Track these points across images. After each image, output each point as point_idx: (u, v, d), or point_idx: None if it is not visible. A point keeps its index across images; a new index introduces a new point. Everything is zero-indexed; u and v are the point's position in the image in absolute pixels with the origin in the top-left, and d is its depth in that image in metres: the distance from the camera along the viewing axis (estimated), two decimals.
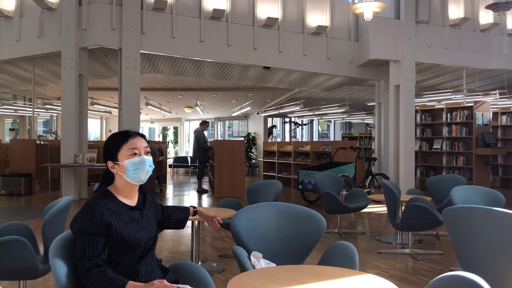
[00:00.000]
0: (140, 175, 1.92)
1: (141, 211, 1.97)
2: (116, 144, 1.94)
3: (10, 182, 9.52)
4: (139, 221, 1.93)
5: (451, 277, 1.44)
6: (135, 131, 2.00)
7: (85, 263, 1.75)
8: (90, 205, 1.82)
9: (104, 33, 8.46)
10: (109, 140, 1.99)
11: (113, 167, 1.92)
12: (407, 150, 9.28)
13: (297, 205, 2.78)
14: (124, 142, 1.93)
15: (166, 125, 22.46)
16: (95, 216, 1.79)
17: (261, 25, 9.37)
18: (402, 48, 9.31)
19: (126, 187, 1.94)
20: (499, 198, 3.97)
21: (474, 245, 2.54)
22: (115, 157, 1.92)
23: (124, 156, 1.91)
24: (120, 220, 1.86)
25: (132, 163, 1.90)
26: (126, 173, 1.90)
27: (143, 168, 1.92)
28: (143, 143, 1.97)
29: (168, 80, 13.04)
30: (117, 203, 1.90)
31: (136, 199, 1.99)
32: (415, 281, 3.85)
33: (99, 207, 1.81)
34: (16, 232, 2.91)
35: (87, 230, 1.78)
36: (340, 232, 5.83)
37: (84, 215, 1.80)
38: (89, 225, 1.78)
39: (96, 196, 1.87)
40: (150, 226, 1.99)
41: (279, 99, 15.73)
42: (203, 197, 9.90)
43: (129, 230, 1.87)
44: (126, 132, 1.97)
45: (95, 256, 1.77)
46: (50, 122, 18.18)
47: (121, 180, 1.93)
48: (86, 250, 1.76)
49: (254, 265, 2.31)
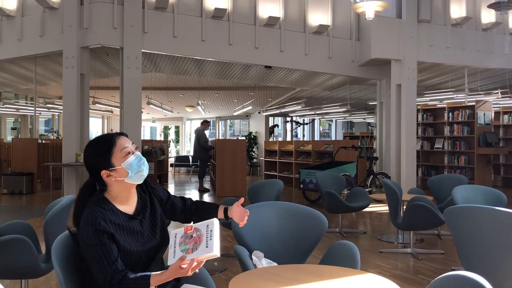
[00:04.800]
0: (143, 171, 1.84)
1: (141, 220, 1.87)
2: (106, 151, 1.80)
3: (12, 181, 9.54)
4: (138, 232, 1.83)
5: (453, 276, 1.43)
6: (114, 133, 1.87)
7: (107, 274, 1.69)
8: (89, 219, 1.72)
9: (105, 32, 8.46)
10: (93, 149, 1.84)
11: (109, 176, 1.79)
12: (408, 149, 9.27)
13: (299, 204, 2.78)
14: (113, 145, 1.80)
15: (167, 124, 22.46)
16: (97, 227, 1.70)
17: (262, 24, 9.37)
18: (403, 47, 9.30)
19: (124, 191, 1.84)
20: (501, 198, 3.96)
21: (476, 244, 2.53)
22: (109, 165, 1.79)
23: (119, 159, 1.79)
24: (121, 232, 1.78)
25: (132, 163, 1.80)
26: (128, 175, 1.79)
27: (144, 163, 1.84)
28: (128, 140, 1.86)
29: (169, 79, 13.04)
30: (116, 212, 1.80)
31: (134, 203, 1.89)
32: (416, 280, 3.85)
33: (98, 219, 1.71)
34: (18, 231, 2.91)
35: (94, 241, 1.70)
36: (341, 232, 5.83)
37: (86, 229, 1.71)
38: (94, 236, 1.70)
39: (92, 207, 1.76)
40: (152, 234, 1.88)
41: (280, 98, 15.73)
42: (205, 196, 9.90)
43: (130, 243, 1.79)
44: (109, 136, 1.84)
45: (113, 261, 1.70)
46: (52, 121, 18.20)
47: (119, 186, 1.81)
48: (102, 260, 1.69)
49: (255, 265, 2.31)
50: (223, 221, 2.15)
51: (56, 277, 1.75)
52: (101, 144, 1.83)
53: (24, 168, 9.83)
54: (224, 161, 9.64)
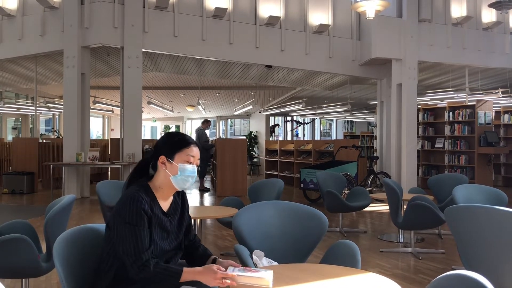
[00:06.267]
0: (186, 183, 1.93)
1: (170, 219, 1.96)
2: (179, 145, 1.94)
3: (13, 181, 9.54)
4: (166, 229, 1.92)
5: (454, 276, 1.43)
6: (194, 140, 2.01)
7: (141, 255, 1.74)
8: (133, 197, 1.79)
9: (106, 31, 8.47)
10: (170, 138, 2.00)
11: (164, 163, 1.91)
12: (409, 149, 9.26)
13: (299, 203, 2.78)
14: (186, 147, 1.93)
15: (168, 123, 22.48)
16: (140, 207, 1.78)
17: (263, 23, 9.37)
18: (404, 46, 9.29)
19: (168, 187, 1.93)
20: (502, 197, 3.96)
21: (477, 244, 2.53)
22: (171, 156, 1.91)
23: (181, 159, 1.91)
24: (155, 222, 1.85)
25: (185, 169, 1.91)
26: (176, 176, 1.90)
27: (192, 177, 1.94)
28: (198, 154, 1.98)
29: (170, 79, 13.04)
30: (155, 203, 1.89)
31: (169, 203, 1.99)
32: (417, 280, 3.85)
33: (143, 201, 1.80)
34: (18, 230, 2.92)
35: (135, 221, 1.76)
36: (342, 231, 5.83)
37: (129, 207, 1.78)
38: (136, 215, 1.77)
39: (138, 189, 1.84)
40: (175, 236, 1.98)
41: (281, 97, 15.73)
42: (205, 195, 9.90)
43: (158, 235, 1.87)
44: (189, 139, 1.98)
45: (148, 246, 1.77)
46: (53, 121, 18.22)
47: (165, 180, 1.92)
48: (138, 242, 1.75)
49: (256, 264, 2.31)
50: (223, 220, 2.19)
51: (57, 276, 1.76)
52: (179, 139, 1.98)
53: (25, 168, 9.84)
54: (225, 160, 9.64)
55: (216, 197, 9.33)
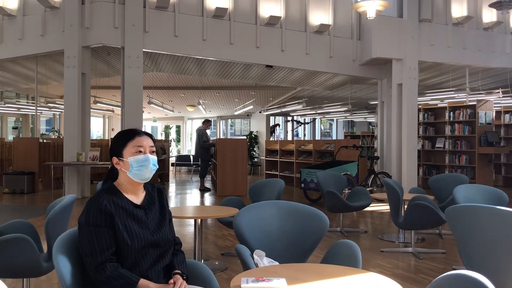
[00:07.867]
0: (144, 173, 1.93)
1: (146, 210, 1.95)
2: (122, 141, 1.97)
3: (13, 181, 9.55)
4: (142, 220, 1.91)
5: (454, 276, 1.43)
6: (142, 130, 2.04)
7: (96, 258, 1.75)
8: (92, 199, 1.86)
9: (106, 31, 8.47)
10: (116, 136, 2.04)
11: (117, 163, 1.96)
12: (409, 148, 9.26)
13: (300, 203, 2.78)
14: (130, 139, 1.96)
15: (168, 123, 22.47)
16: (98, 207, 1.81)
17: (263, 23, 9.36)
18: (404, 46, 9.29)
19: (130, 183, 1.95)
20: (502, 197, 3.96)
21: (477, 243, 2.53)
22: (120, 153, 1.95)
23: (129, 153, 1.94)
24: (124, 216, 1.86)
25: (136, 160, 1.92)
26: (130, 169, 1.92)
27: (147, 166, 1.93)
28: (149, 142, 1.99)
29: (170, 79, 13.04)
30: (122, 198, 1.91)
31: (141, 197, 1.99)
32: (417, 280, 3.85)
33: (102, 199, 1.83)
34: (19, 230, 2.92)
35: (91, 221, 1.79)
36: (342, 231, 5.83)
37: (87, 209, 1.83)
38: (93, 216, 1.80)
39: (100, 190, 1.90)
40: (157, 228, 1.94)
41: (281, 97, 15.72)
42: (206, 195, 9.91)
43: (132, 226, 1.85)
44: (133, 130, 2.01)
45: (105, 249, 1.77)
46: (53, 121, 18.23)
47: (125, 177, 1.95)
48: (94, 243, 1.77)
49: (257, 264, 2.31)
50: (224, 220, 2.19)
51: (57, 276, 1.76)
52: (123, 134, 2.01)
53: (26, 168, 9.84)
54: (225, 160, 9.64)
55: (217, 197, 9.34)
